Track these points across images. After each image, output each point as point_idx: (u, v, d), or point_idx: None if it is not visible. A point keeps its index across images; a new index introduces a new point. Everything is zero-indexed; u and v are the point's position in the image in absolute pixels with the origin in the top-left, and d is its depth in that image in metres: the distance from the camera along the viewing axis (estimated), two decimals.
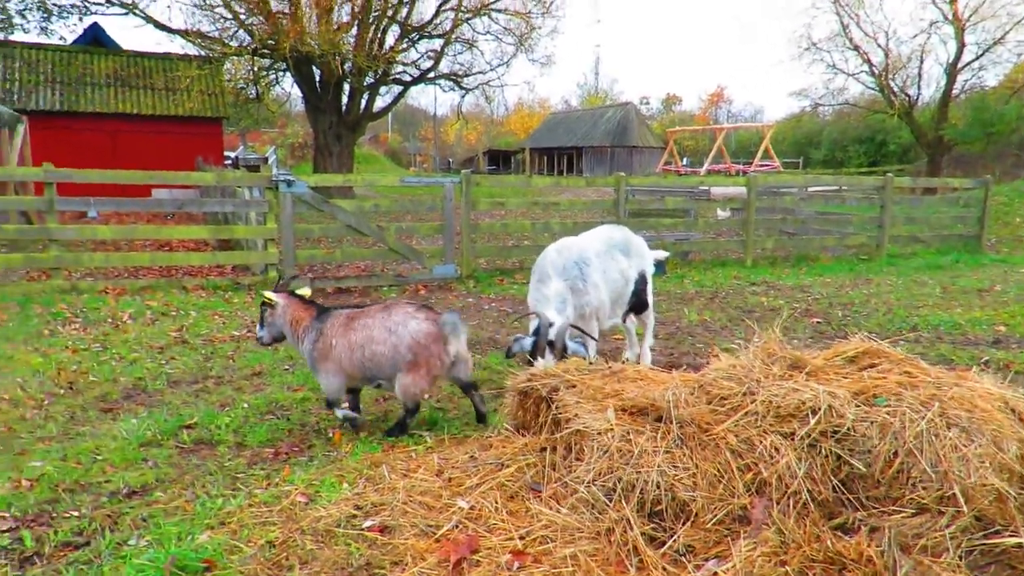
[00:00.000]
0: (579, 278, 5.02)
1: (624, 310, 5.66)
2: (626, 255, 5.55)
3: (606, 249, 5.43)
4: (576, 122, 53.03)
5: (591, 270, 5.11)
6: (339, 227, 10.45)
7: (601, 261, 5.28)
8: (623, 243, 5.61)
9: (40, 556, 3.00)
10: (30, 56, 22.86)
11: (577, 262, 5.07)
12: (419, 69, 26.52)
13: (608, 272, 5.30)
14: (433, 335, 4.24)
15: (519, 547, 2.79)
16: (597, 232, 5.72)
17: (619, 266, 5.44)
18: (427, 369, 4.24)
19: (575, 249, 5.20)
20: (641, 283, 5.69)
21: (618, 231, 5.75)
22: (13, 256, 9.68)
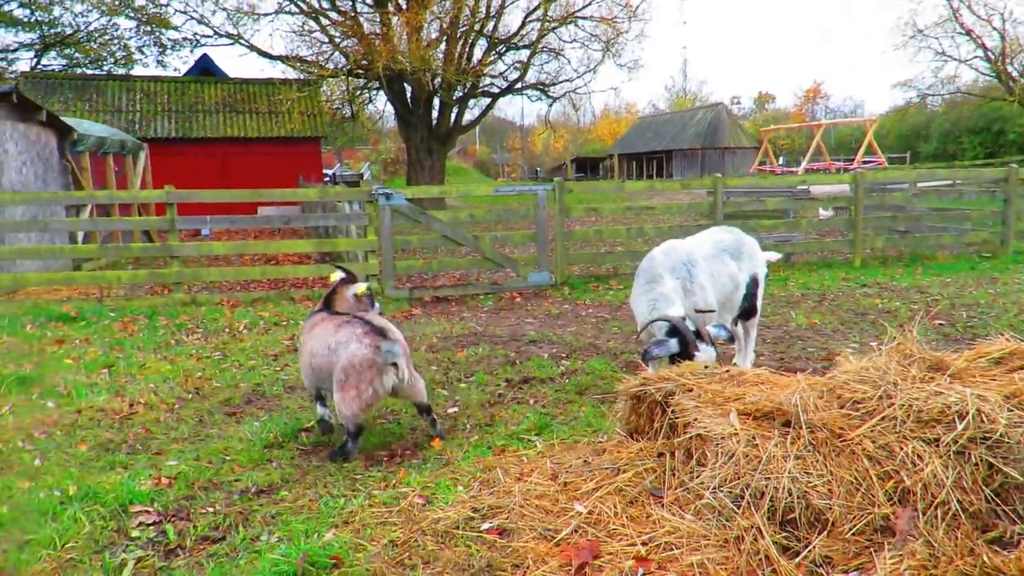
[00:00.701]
0: (687, 279, 4.91)
1: (734, 315, 5.47)
2: (736, 258, 5.36)
3: (715, 252, 5.27)
4: (664, 125, 52.20)
5: (698, 271, 4.99)
6: (435, 238, 10.66)
7: (709, 264, 5.13)
8: (734, 246, 5.42)
9: (183, 549, 3.18)
10: (148, 88, 24.62)
11: (685, 263, 4.97)
12: (506, 80, 26.83)
13: (716, 276, 5.14)
14: (368, 362, 4.06)
15: (642, 553, 2.73)
16: (705, 235, 5.57)
17: (728, 270, 5.26)
18: (357, 393, 4.06)
19: (682, 251, 5.09)
20: (752, 287, 5.49)
21: (728, 233, 5.57)
22: (139, 272, 10.40)
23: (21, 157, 11.93)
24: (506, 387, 5.73)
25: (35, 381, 5.79)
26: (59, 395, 5.50)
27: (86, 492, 3.62)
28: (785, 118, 64.13)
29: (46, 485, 3.79)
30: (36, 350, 6.94)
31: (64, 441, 4.59)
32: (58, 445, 4.52)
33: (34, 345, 7.15)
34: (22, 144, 11.99)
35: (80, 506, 3.48)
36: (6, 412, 5.01)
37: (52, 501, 3.54)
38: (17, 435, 4.64)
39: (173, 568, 3.01)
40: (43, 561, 3.05)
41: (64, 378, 5.90)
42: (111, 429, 4.84)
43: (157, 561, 3.07)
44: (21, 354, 6.75)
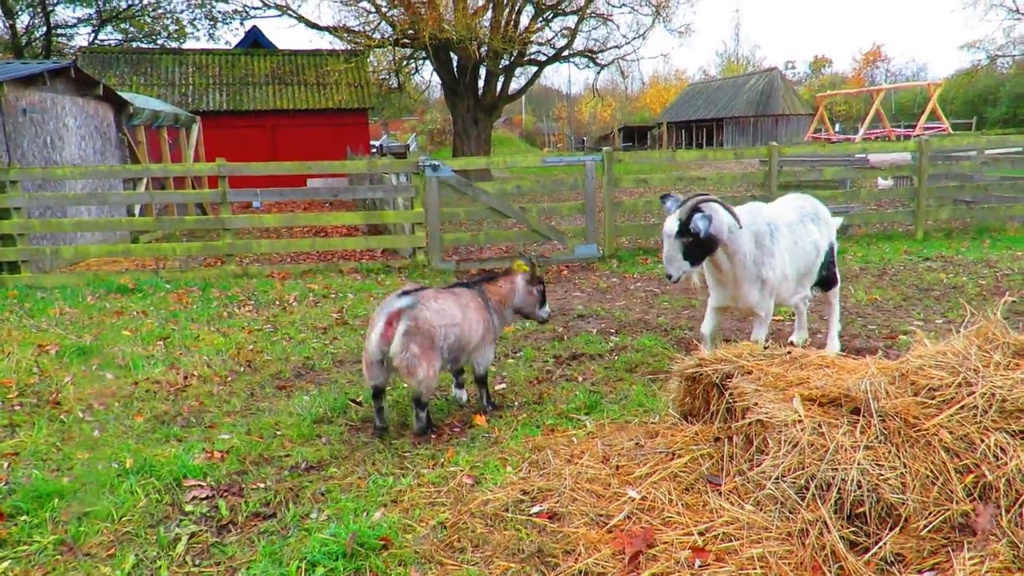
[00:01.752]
0: (768, 236, 4.64)
1: (813, 283, 5.26)
2: (816, 224, 5.13)
3: (799, 219, 5.03)
4: (716, 92, 50.76)
5: (780, 237, 4.74)
6: (482, 209, 10.57)
7: (792, 232, 4.89)
8: (813, 212, 5.20)
9: (234, 524, 3.20)
10: (200, 61, 24.95)
11: (769, 224, 4.70)
12: (553, 48, 26.39)
13: (800, 243, 4.92)
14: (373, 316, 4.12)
15: (699, 544, 2.63)
16: (786, 200, 5.33)
17: (811, 237, 5.04)
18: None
19: (767, 213, 4.81)
20: (830, 254, 5.30)
21: (807, 200, 5.34)
22: (193, 244, 10.59)
23: (80, 131, 12.21)
24: (554, 363, 5.65)
25: (95, 352, 5.94)
26: (117, 366, 5.63)
27: (142, 465, 3.68)
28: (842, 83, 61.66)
29: (104, 457, 3.87)
30: (96, 321, 7.12)
31: (122, 413, 4.69)
32: (116, 416, 4.62)
33: (94, 316, 7.35)
34: (81, 118, 12.27)
35: (136, 479, 3.54)
36: (68, 383, 5.14)
37: (110, 473, 3.60)
38: (78, 406, 4.75)
39: (225, 544, 3.03)
40: (101, 534, 3.10)
41: (122, 349, 6.03)
42: (166, 401, 4.93)
43: (210, 537, 3.09)
44: (82, 325, 6.94)
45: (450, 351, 4.20)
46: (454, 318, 4.19)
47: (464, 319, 4.27)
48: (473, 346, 4.39)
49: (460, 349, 4.29)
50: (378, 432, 4.21)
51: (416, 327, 3.98)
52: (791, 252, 4.81)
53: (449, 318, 4.16)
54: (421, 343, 3.99)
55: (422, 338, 4.00)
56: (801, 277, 5.03)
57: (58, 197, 10.40)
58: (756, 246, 4.60)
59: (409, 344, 3.95)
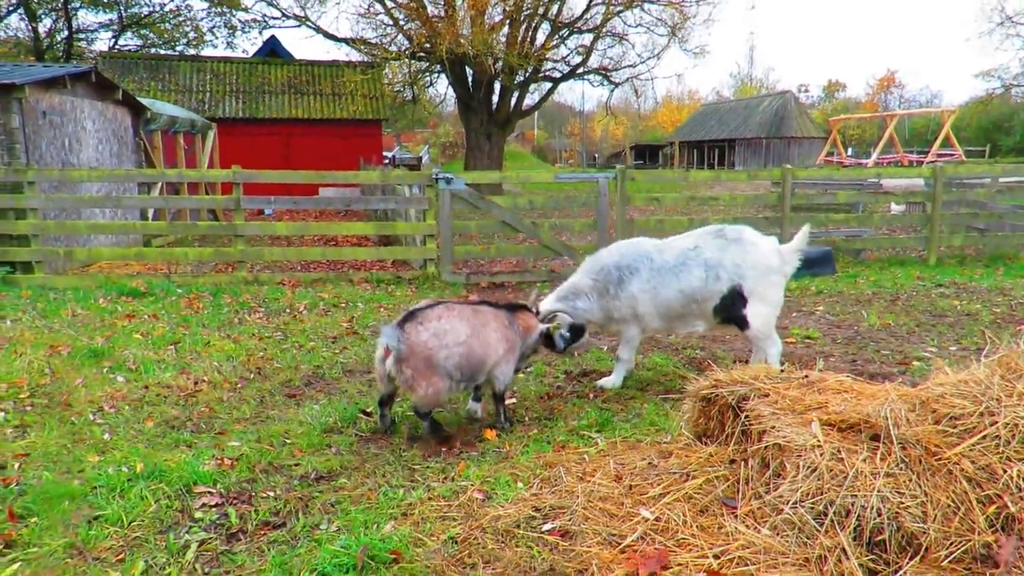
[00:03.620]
0: (613, 283, 5.07)
1: (705, 323, 5.20)
2: (709, 268, 5.00)
3: (678, 262, 5.05)
4: (728, 113, 50.88)
5: (635, 280, 5.06)
6: (493, 223, 10.59)
7: (655, 276, 5.05)
8: (714, 253, 5.03)
9: (244, 533, 3.18)
10: (218, 68, 25.20)
11: (621, 266, 5.09)
12: (568, 65, 26.52)
13: (662, 290, 5.05)
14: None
15: (714, 567, 2.60)
16: (689, 237, 5.26)
17: (683, 284, 5.02)
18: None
19: (629, 255, 5.14)
20: (730, 299, 5.02)
21: (715, 239, 5.11)
22: (205, 250, 10.64)
23: (98, 134, 12.33)
24: (565, 379, 5.62)
25: (106, 355, 5.95)
26: (128, 370, 5.64)
27: (152, 470, 3.67)
28: (856, 107, 61.71)
29: (115, 460, 3.86)
30: (107, 324, 7.14)
31: (132, 416, 4.69)
32: (126, 420, 4.62)
33: (106, 319, 7.37)
34: (99, 122, 12.39)
35: (146, 484, 3.53)
36: (79, 385, 5.15)
37: (120, 477, 3.59)
38: (89, 408, 4.76)
39: (235, 552, 3.01)
40: (110, 538, 3.09)
41: (133, 353, 6.04)
42: (177, 406, 4.93)
43: (219, 545, 3.08)
44: (94, 327, 6.96)
45: (459, 369, 4.18)
46: (458, 337, 4.16)
47: (475, 336, 4.24)
48: (493, 363, 4.37)
49: (473, 367, 4.26)
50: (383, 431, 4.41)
51: (410, 351, 4.05)
52: (647, 293, 5.07)
53: (452, 338, 4.14)
54: (415, 365, 4.06)
55: (416, 360, 4.06)
56: (668, 318, 5.17)
57: (74, 199, 10.48)
58: (599, 296, 5.16)
59: (403, 368, 4.06)
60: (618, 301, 5.10)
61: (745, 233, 5.15)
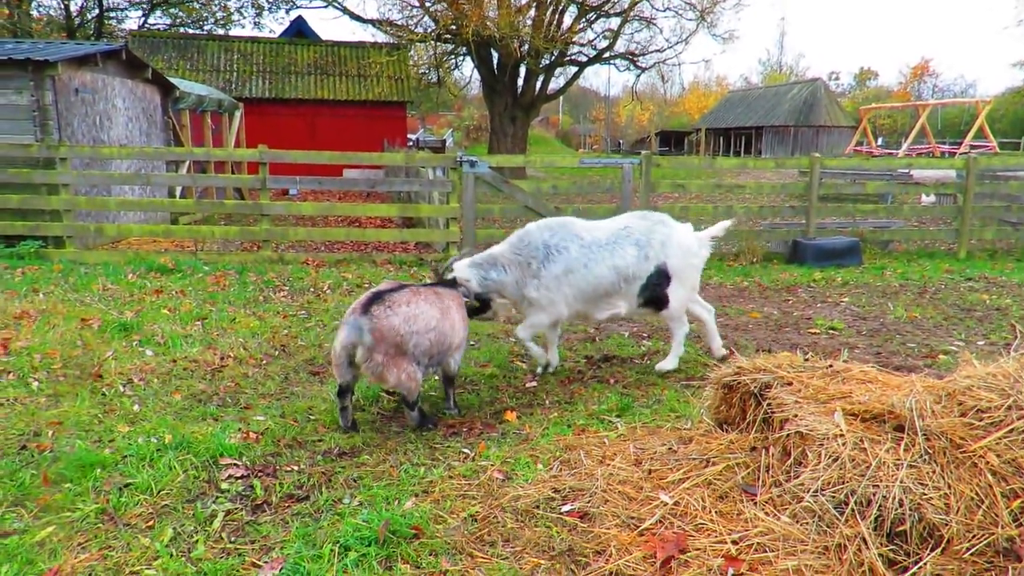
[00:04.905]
0: (538, 259, 4.93)
1: (627, 304, 5.19)
2: (640, 247, 5.08)
3: (610, 240, 5.06)
4: (756, 100, 50.16)
5: (560, 258, 4.94)
6: (516, 207, 10.58)
7: (587, 253, 4.99)
8: (643, 233, 5.13)
9: (268, 505, 3.25)
10: (245, 48, 25.33)
11: (549, 244, 4.96)
12: (595, 49, 26.30)
13: (592, 267, 4.98)
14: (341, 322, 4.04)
15: (732, 552, 2.61)
16: (616, 220, 5.34)
17: (618, 260, 5.02)
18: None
19: (560, 233, 5.03)
20: (656, 279, 5.12)
21: (642, 221, 5.24)
22: (231, 228, 10.76)
23: (128, 112, 12.48)
24: (586, 364, 5.64)
25: (135, 328, 6.06)
26: (157, 344, 5.74)
27: (180, 441, 3.76)
28: (887, 96, 60.56)
29: (144, 431, 3.95)
30: (136, 299, 7.27)
31: (160, 389, 4.78)
32: (155, 392, 4.71)
33: (135, 294, 7.50)
34: (129, 100, 12.53)
35: (175, 455, 3.61)
36: (109, 357, 5.26)
37: (150, 448, 3.68)
38: (119, 380, 4.86)
39: (260, 523, 3.08)
40: (140, 506, 3.17)
41: (161, 327, 6.15)
42: (203, 380, 5.02)
43: (245, 515, 3.15)
44: (123, 302, 7.09)
45: (428, 355, 4.10)
46: (429, 323, 4.07)
47: (444, 321, 4.18)
48: (456, 346, 4.33)
49: (442, 351, 4.21)
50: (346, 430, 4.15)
51: (380, 337, 3.89)
52: (576, 272, 4.98)
53: (423, 323, 4.04)
54: (386, 351, 3.92)
55: (386, 346, 3.92)
56: (593, 298, 5.08)
57: (104, 176, 10.64)
58: (518, 269, 4.96)
59: (373, 355, 3.90)
60: (538, 280, 4.92)
61: (667, 218, 5.32)
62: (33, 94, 9.91)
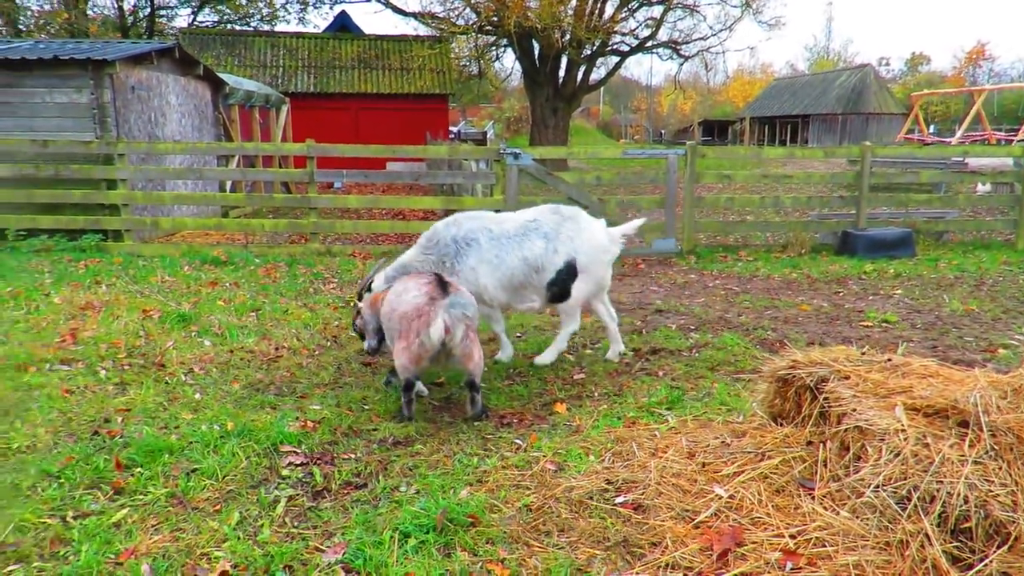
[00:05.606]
0: (450, 256, 4.92)
1: (540, 298, 5.19)
2: (549, 239, 5.07)
3: (519, 232, 5.05)
4: (803, 88, 49.03)
5: (471, 252, 4.93)
6: (560, 199, 10.55)
7: (497, 245, 4.98)
8: (552, 227, 5.12)
9: (328, 491, 3.35)
10: (291, 44, 25.74)
11: (458, 239, 4.96)
12: (637, 38, 25.99)
13: (504, 258, 4.96)
14: (419, 310, 3.99)
15: (790, 546, 2.60)
16: (526, 212, 5.32)
17: (527, 252, 5.01)
18: (407, 344, 4.02)
19: (467, 226, 5.02)
20: (565, 273, 5.11)
21: (552, 215, 5.23)
22: (280, 221, 11.00)
23: (181, 108, 12.82)
24: (634, 357, 5.63)
25: (193, 319, 6.26)
26: (214, 334, 5.93)
27: (242, 429, 3.88)
28: (940, 82, 58.55)
29: (207, 419, 4.10)
30: (193, 290, 7.50)
31: (220, 378, 4.94)
32: (215, 381, 4.88)
33: (191, 285, 7.74)
34: (182, 96, 12.87)
35: (237, 441, 3.74)
36: (170, 348, 5.45)
37: (213, 434, 3.82)
38: (180, 369, 5.04)
39: (321, 509, 3.18)
40: (207, 490, 3.30)
41: (218, 319, 6.34)
42: (260, 370, 5.17)
43: (306, 501, 3.25)
44: (180, 293, 7.33)
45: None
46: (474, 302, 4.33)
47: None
48: None
49: None
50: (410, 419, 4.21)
51: (475, 313, 4.14)
52: (489, 264, 4.97)
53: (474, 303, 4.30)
54: (474, 328, 4.14)
55: (474, 324, 4.15)
56: (510, 289, 5.07)
57: (160, 171, 10.96)
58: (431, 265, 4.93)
59: (469, 333, 4.08)
60: (456, 277, 4.84)
61: (579, 213, 5.31)
62: (93, 92, 10.25)
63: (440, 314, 3.97)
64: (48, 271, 8.19)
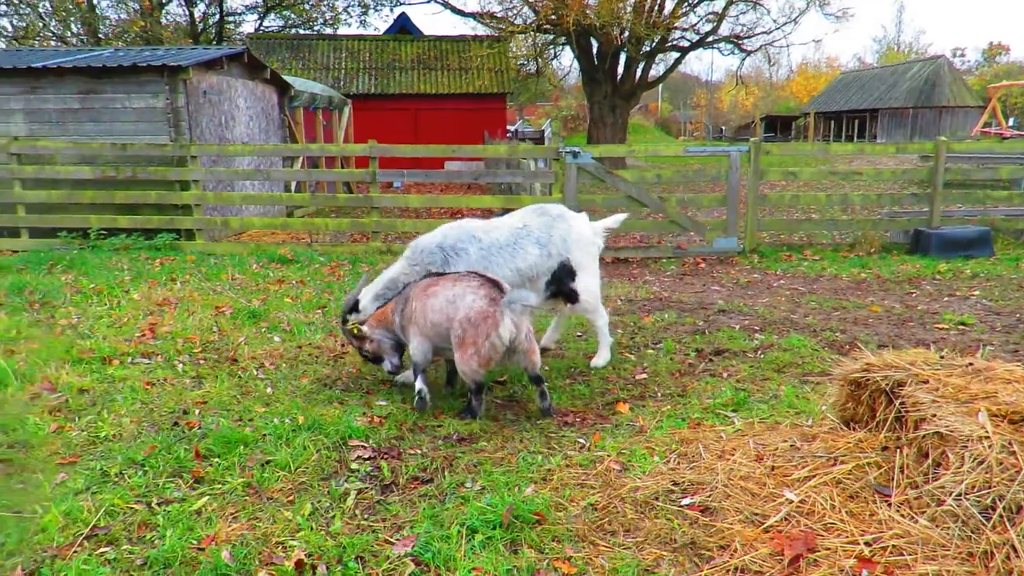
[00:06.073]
0: (437, 266, 4.74)
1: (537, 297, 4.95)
2: (542, 245, 4.96)
3: (510, 241, 4.90)
4: (871, 81, 47.32)
5: (460, 262, 4.76)
6: (619, 198, 10.50)
7: (487, 255, 4.82)
8: (543, 230, 5.00)
9: (396, 486, 3.42)
10: (352, 47, 26.27)
11: (446, 247, 4.78)
12: (697, 33, 25.58)
13: (495, 270, 4.77)
14: (484, 314, 3.97)
15: (865, 554, 2.54)
16: (514, 216, 5.17)
17: (520, 263, 4.87)
18: (475, 349, 3.98)
19: (454, 234, 4.86)
20: (560, 274, 5.02)
21: (540, 216, 5.10)
22: (343, 220, 11.24)
23: (249, 111, 13.24)
24: (696, 357, 5.56)
25: (263, 316, 6.47)
26: (283, 330, 6.11)
27: (312, 422, 4.00)
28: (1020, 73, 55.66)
29: (278, 412, 4.24)
30: (261, 288, 7.75)
31: (290, 373, 5.10)
32: (284, 376, 5.03)
33: (259, 283, 7.99)
34: (250, 100, 13.29)
35: (308, 435, 3.85)
36: (242, 343, 5.65)
37: (285, 427, 3.94)
38: (252, 364, 5.22)
39: (389, 503, 3.25)
40: (280, 481, 3.41)
41: (286, 315, 6.54)
42: (327, 366, 5.31)
43: (375, 495, 3.33)
44: (250, 290, 7.58)
45: None
46: None
47: None
48: None
49: None
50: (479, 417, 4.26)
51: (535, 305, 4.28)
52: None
53: None
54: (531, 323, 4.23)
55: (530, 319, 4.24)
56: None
57: (229, 172, 11.35)
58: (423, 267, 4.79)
59: (530, 327, 4.16)
60: None
61: (565, 210, 5.26)
62: (168, 97, 10.69)
63: (506, 313, 4.00)
64: (127, 268, 8.58)
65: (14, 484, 3.38)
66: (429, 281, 4.39)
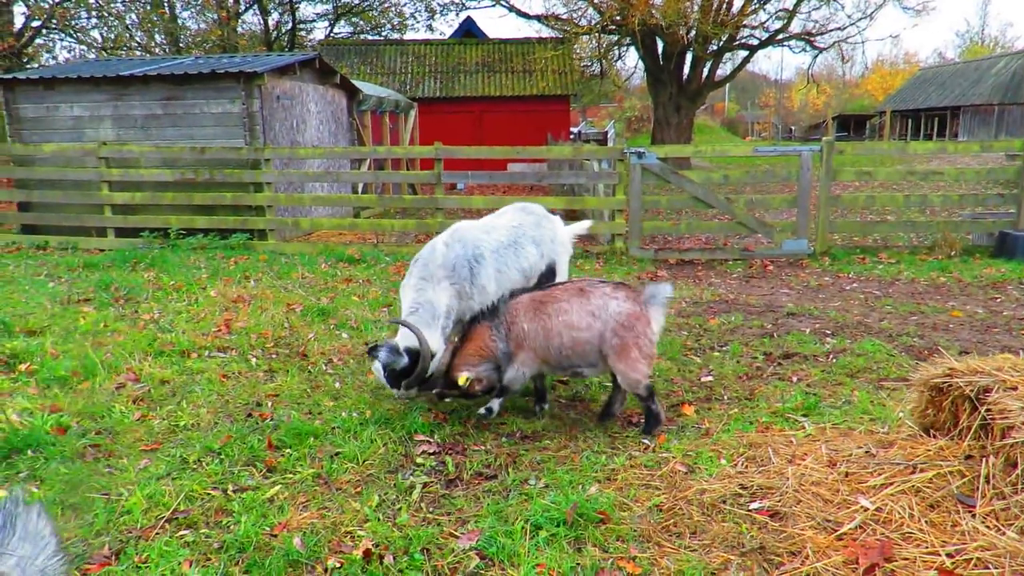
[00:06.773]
0: (467, 280, 4.39)
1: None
2: (536, 244, 4.73)
3: (511, 241, 4.64)
4: (952, 77, 45.20)
5: (482, 270, 4.44)
6: (684, 199, 10.34)
7: (498, 258, 4.55)
8: (534, 230, 4.79)
9: (460, 481, 3.47)
10: (418, 51, 26.70)
11: (468, 259, 4.44)
12: (767, 31, 24.97)
13: (506, 272, 4.54)
14: (635, 315, 3.93)
15: (947, 565, 2.43)
16: (504, 216, 4.88)
17: (523, 262, 4.63)
18: (639, 351, 3.90)
19: (469, 242, 4.51)
20: (546, 277, 4.77)
21: (528, 216, 4.88)
22: (408, 221, 11.43)
23: (319, 115, 13.62)
24: (764, 361, 5.43)
25: (331, 313, 6.64)
26: (351, 328, 6.26)
27: (379, 417, 4.09)
28: None
29: (346, 406, 4.35)
30: (330, 286, 7.95)
31: (357, 369, 5.22)
32: (352, 372, 5.15)
33: (328, 282, 8.21)
34: (320, 104, 13.67)
35: (375, 429, 3.94)
36: (312, 339, 5.81)
37: (353, 421, 4.04)
38: (321, 359, 5.37)
39: (454, 497, 3.29)
40: (349, 472, 3.50)
41: (353, 313, 6.69)
42: None
43: (440, 488, 3.37)
44: (319, 289, 7.79)
45: None
46: None
47: None
48: None
49: None
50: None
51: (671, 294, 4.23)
52: (496, 279, 4.53)
53: None
54: None
55: None
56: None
57: (300, 174, 11.69)
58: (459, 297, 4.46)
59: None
60: (472, 301, 4.42)
61: (546, 210, 5.09)
62: (244, 103, 11.09)
63: (652, 307, 4.03)
64: (204, 267, 8.94)
65: (102, 468, 3.57)
66: (532, 301, 4.07)
